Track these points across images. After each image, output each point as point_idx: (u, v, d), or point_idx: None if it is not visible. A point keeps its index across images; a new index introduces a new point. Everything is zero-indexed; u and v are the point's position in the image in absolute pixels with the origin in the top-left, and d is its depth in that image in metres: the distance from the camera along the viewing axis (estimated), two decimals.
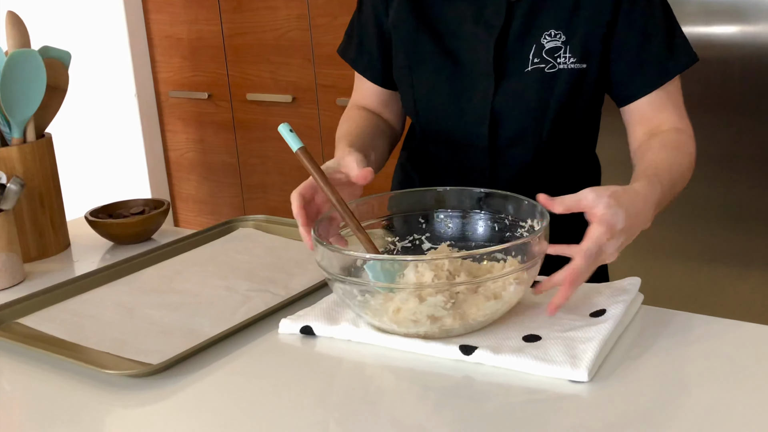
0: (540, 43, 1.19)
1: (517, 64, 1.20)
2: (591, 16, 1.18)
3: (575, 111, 1.24)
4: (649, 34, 1.19)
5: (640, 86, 1.21)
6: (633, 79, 1.21)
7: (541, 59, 1.19)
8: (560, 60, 1.19)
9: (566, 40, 1.19)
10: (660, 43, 1.20)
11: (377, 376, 0.91)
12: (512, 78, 1.21)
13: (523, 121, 1.22)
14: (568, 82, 1.20)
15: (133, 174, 3.15)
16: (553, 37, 1.19)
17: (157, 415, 0.85)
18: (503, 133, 1.23)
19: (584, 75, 1.20)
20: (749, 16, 1.96)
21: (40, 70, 1.31)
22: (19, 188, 1.22)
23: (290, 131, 1.06)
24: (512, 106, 1.22)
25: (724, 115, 2.04)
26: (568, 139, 1.27)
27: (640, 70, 1.20)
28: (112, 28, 3.01)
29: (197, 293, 1.12)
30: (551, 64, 1.19)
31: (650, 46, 1.20)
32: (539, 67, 1.20)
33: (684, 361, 0.88)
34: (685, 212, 2.14)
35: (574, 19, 1.18)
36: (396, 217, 1.12)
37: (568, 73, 1.19)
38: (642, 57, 1.20)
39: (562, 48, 1.19)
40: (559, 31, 1.19)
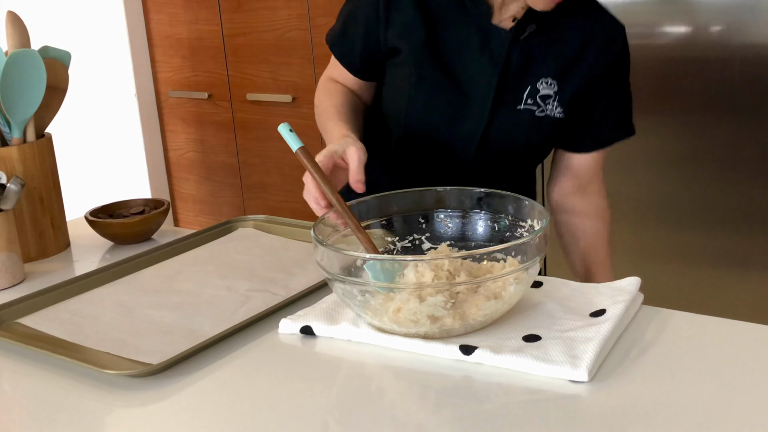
0: (535, 86, 1.27)
1: (512, 99, 1.28)
2: (583, 75, 1.29)
3: (546, 149, 1.38)
4: (613, 106, 1.34)
5: (588, 144, 1.37)
6: (585, 135, 1.36)
7: (534, 102, 1.28)
8: (549, 107, 1.28)
9: (558, 91, 1.28)
10: (617, 113, 1.36)
11: (377, 376, 0.91)
12: (505, 112, 1.28)
13: (507, 151, 1.32)
14: (551, 128, 1.30)
15: (133, 174, 3.16)
16: (548, 85, 1.28)
17: (157, 415, 0.85)
18: (487, 159, 1.32)
19: (562, 124, 1.31)
20: (749, 16, 1.96)
21: (40, 70, 1.31)
22: (19, 188, 1.22)
23: (290, 131, 1.06)
24: (501, 137, 1.30)
25: (724, 115, 2.04)
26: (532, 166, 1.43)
27: (595, 131, 1.35)
28: (112, 28, 3.01)
29: (197, 293, 1.12)
30: (541, 108, 1.28)
31: (609, 115, 1.35)
32: (530, 109, 1.28)
33: (684, 361, 0.88)
34: (685, 212, 2.14)
35: (568, 73, 1.28)
36: (396, 217, 1.12)
37: (552, 120, 1.29)
38: (605, 120, 1.35)
39: (552, 97, 1.28)
40: (555, 81, 1.28)
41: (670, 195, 2.15)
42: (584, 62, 1.29)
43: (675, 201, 2.15)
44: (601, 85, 1.31)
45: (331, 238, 1.05)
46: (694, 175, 2.11)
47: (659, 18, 2.06)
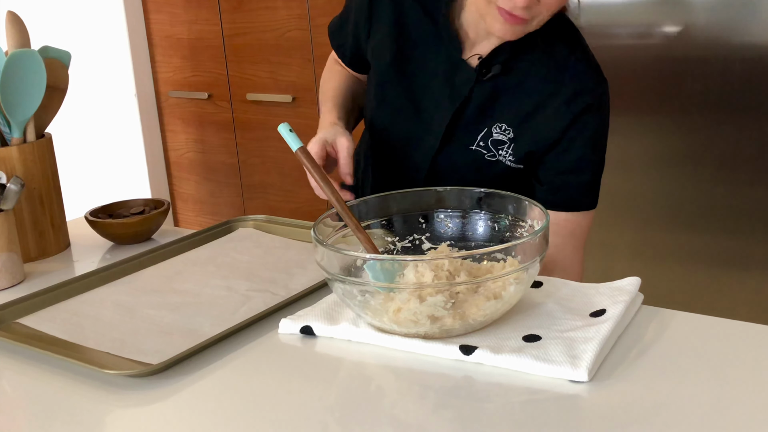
0: (490, 130, 1.25)
1: (465, 137, 1.26)
2: (543, 128, 1.23)
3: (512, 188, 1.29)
4: (582, 165, 1.25)
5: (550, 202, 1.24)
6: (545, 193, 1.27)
7: (485, 145, 1.25)
8: (501, 153, 1.25)
9: (513, 138, 1.24)
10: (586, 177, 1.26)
11: (377, 376, 0.91)
12: (457, 148, 1.27)
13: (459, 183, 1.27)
14: (503, 174, 1.27)
15: (133, 174, 3.16)
16: (503, 131, 1.24)
17: (157, 415, 0.85)
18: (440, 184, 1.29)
19: (518, 173, 1.27)
20: (749, 16, 1.96)
21: (40, 70, 1.31)
22: (19, 188, 1.22)
23: (290, 131, 1.06)
24: (450, 171, 1.29)
25: (724, 115, 2.04)
26: None
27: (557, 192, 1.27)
28: (112, 28, 3.02)
29: (197, 293, 1.12)
30: (492, 153, 1.25)
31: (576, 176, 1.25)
32: (481, 151, 1.26)
33: (684, 361, 0.88)
34: (685, 212, 2.14)
35: (527, 123, 1.23)
36: (396, 217, 1.12)
37: (504, 167, 1.26)
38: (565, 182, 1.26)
39: (506, 144, 1.25)
40: (510, 128, 1.24)
41: (670, 195, 2.15)
42: (543, 116, 1.22)
43: (675, 201, 2.15)
44: (558, 147, 1.23)
45: (331, 238, 1.05)
46: (694, 175, 2.12)
47: (659, 18, 2.06)
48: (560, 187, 1.27)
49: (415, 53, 1.28)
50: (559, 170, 1.26)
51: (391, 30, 1.29)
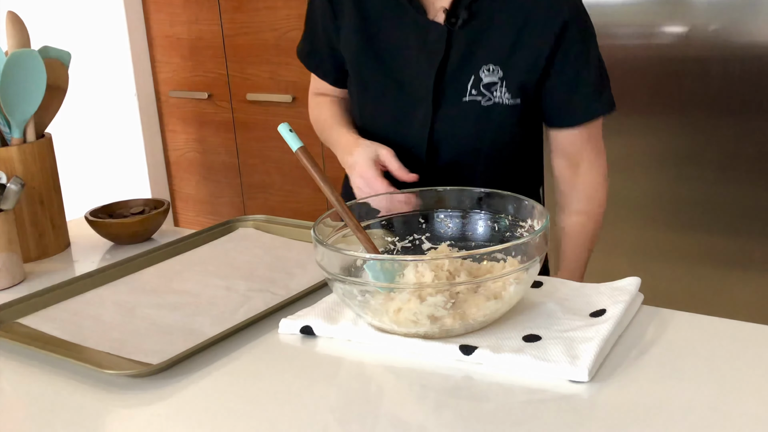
0: (478, 75, 1.24)
1: (455, 92, 1.25)
2: (529, 56, 1.23)
3: (511, 140, 1.31)
4: (581, 79, 1.27)
5: (566, 121, 1.30)
6: (560, 113, 1.30)
7: (478, 92, 1.24)
8: (496, 94, 1.24)
9: (503, 76, 1.24)
10: (589, 87, 1.28)
11: (377, 376, 0.91)
12: (450, 106, 1.26)
13: (460, 147, 1.28)
14: (503, 116, 1.26)
15: (133, 174, 3.16)
16: (491, 72, 1.23)
17: (157, 415, 0.85)
18: (442, 159, 1.29)
19: (518, 110, 1.26)
20: (750, 16, 1.96)
21: (40, 70, 1.31)
22: (19, 188, 1.22)
23: (290, 131, 1.06)
24: (449, 133, 1.27)
25: (724, 115, 2.04)
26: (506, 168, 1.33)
27: (568, 107, 1.29)
28: (112, 28, 3.01)
29: (197, 293, 1.12)
30: (488, 97, 1.24)
31: (580, 89, 1.28)
32: (476, 100, 1.25)
33: (684, 362, 0.88)
34: (685, 212, 2.14)
35: (512, 57, 1.23)
36: (396, 217, 1.12)
37: (503, 107, 1.25)
38: (572, 97, 1.28)
39: (498, 83, 1.24)
40: (497, 67, 1.23)
41: (670, 195, 2.15)
42: (525, 45, 1.23)
43: (675, 201, 2.15)
44: (555, 63, 1.25)
45: (331, 238, 1.05)
46: (694, 175, 2.11)
47: (659, 18, 2.06)
48: (568, 105, 1.29)
49: (381, 31, 1.28)
50: (560, 91, 1.28)
51: (353, 17, 1.29)
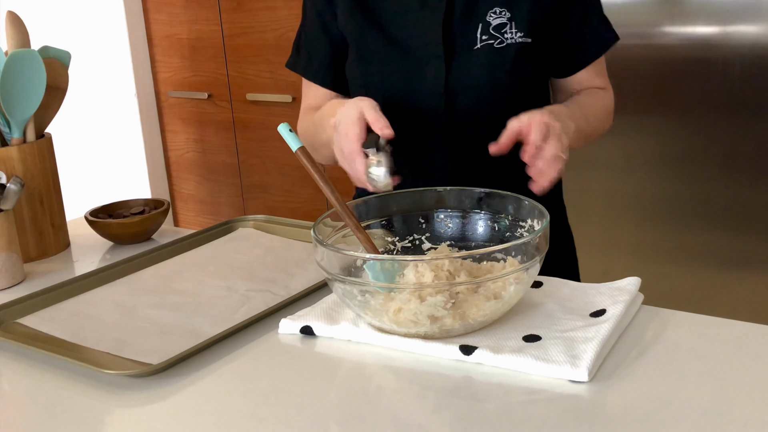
0: (486, 20, 1.23)
1: (465, 42, 1.24)
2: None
3: (525, 85, 1.29)
4: (588, 8, 1.30)
5: (585, 57, 1.31)
6: (577, 50, 1.31)
7: (489, 36, 1.24)
8: (507, 35, 1.24)
9: (511, 17, 1.24)
10: (597, 16, 1.31)
11: (377, 376, 0.91)
12: (462, 56, 1.24)
13: (477, 97, 1.26)
14: (516, 54, 1.24)
15: (133, 174, 3.16)
16: (498, 15, 1.23)
17: (157, 415, 0.85)
18: (459, 113, 1.26)
19: (530, 48, 1.25)
20: (749, 16, 1.96)
21: (40, 70, 1.31)
22: (19, 188, 1.22)
23: (290, 131, 1.06)
24: (465, 83, 1.25)
25: (724, 115, 2.04)
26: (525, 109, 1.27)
27: (584, 42, 1.30)
28: (112, 28, 3.02)
29: (197, 293, 1.12)
30: (499, 39, 1.24)
31: (590, 19, 1.30)
32: (488, 43, 1.24)
33: (684, 361, 0.88)
34: (685, 212, 2.14)
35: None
36: (396, 217, 1.12)
37: (515, 47, 1.24)
38: (584, 30, 1.29)
39: (508, 24, 1.24)
40: (504, 8, 1.23)
41: (670, 195, 2.15)
42: None
43: (675, 201, 2.15)
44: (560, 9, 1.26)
45: (331, 238, 1.05)
46: (694, 175, 2.12)
47: (659, 18, 2.06)
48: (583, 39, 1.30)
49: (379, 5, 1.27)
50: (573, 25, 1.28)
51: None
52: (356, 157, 1.09)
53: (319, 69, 1.38)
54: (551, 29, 1.27)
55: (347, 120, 1.12)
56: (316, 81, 1.39)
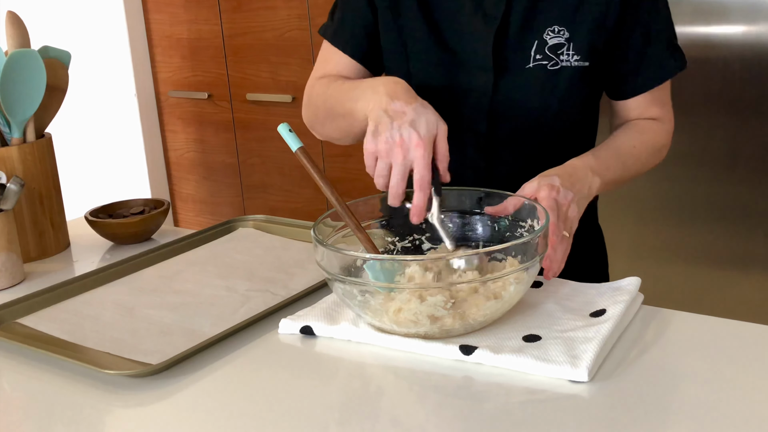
0: (543, 39, 1.16)
1: (518, 59, 1.17)
2: (596, 13, 1.16)
3: (575, 109, 1.22)
4: (652, 33, 1.19)
5: (641, 84, 1.22)
6: (634, 76, 1.21)
7: (543, 56, 1.16)
8: (563, 57, 1.16)
9: (570, 37, 1.16)
10: (662, 42, 1.21)
11: (377, 376, 0.91)
12: (513, 74, 1.17)
13: (523, 119, 1.20)
14: (571, 80, 1.17)
15: (133, 174, 3.16)
16: (557, 34, 1.15)
17: (157, 415, 0.85)
18: (501, 131, 1.20)
19: (587, 73, 1.18)
20: (749, 16, 1.96)
21: (40, 70, 1.31)
22: (19, 188, 1.22)
23: (290, 131, 1.06)
24: (512, 103, 1.19)
25: (724, 115, 2.04)
26: (567, 137, 1.24)
27: (642, 68, 1.21)
28: (112, 28, 3.01)
29: (197, 293, 1.12)
30: (554, 61, 1.16)
31: (652, 46, 1.20)
32: (542, 64, 1.16)
33: (684, 361, 0.88)
34: (685, 212, 2.14)
35: (578, 15, 1.15)
36: (396, 217, 1.12)
37: (571, 71, 1.17)
38: (645, 55, 1.20)
39: (565, 45, 1.16)
40: (563, 28, 1.16)
41: (670, 195, 2.15)
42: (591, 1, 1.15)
43: (675, 201, 2.15)
44: (622, 18, 1.17)
45: (331, 238, 1.05)
46: (694, 174, 2.11)
47: None
48: (642, 65, 1.21)
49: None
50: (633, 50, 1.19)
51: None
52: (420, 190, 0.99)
53: (351, 39, 1.27)
54: (611, 50, 1.19)
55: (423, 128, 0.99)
56: (346, 51, 1.27)
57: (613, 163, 1.16)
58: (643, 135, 1.23)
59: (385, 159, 1.01)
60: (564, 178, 1.05)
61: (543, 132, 1.21)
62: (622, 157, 1.18)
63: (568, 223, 1.03)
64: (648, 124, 1.24)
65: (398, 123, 1.00)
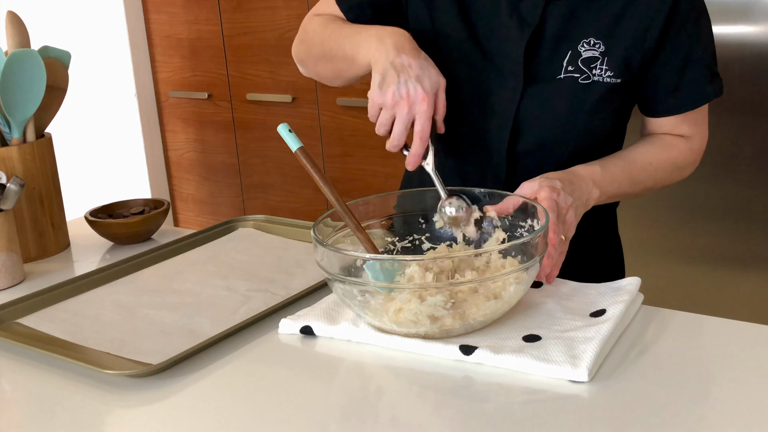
0: (577, 50, 1.12)
1: (549, 68, 1.13)
2: (636, 30, 1.12)
3: (604, 125, 1.18)
4: (693, 57, 1.15)
5: (674, 106, 1.18)
6: (669, 97, 1.18)
7: (575, 68, 1.12)
8: (596, 72, 1.12)
9: (605, 51, 1.12)
10: (701, 68, 1.16)
11: (377, 376, 0.91)
12: (543, 83, 1.14)
13: (548, 130, 1.16)
14: (601, 95, 1.14)
15: (133, 174, 3.16)
16: (592, 46, 1.11)
17: (157, 415, 0.85)
18: (525, 140, 1.17)
19: (618, 90, 1.14)
20: (749, 16, 1.96)
21: (40, 70, 1.31)
22: (19, 188, 1.22)
23: (289, 131, 1.06)
24: (539, 113, 1.15)
25: (724, 115, 2.04)
26: (592, 152, 1.19)
27: (678, 91, 1.17)
28: (112, 28, 3.01)
29: (197, 293, 1.12)
30: (586, 74, 1.12)
31: (691, 70, 1.16)
32: (573, 76, 1.13)
33: (684, 361, 0.88)
34: (685, 212, 2.14)
35: (617, 30, 1.12)
36: (396, 217, 1.12)
37: (602, 87, 1.13)
38: (682, 78, 1.16)
39: (599, 59, 1.12)
40: (599, 41, 1.11)
41: (671, 195, 2.15)
42: (632, 16, 1.11)
43: (675, 201, 2.15)
44: (663, 39, 1.13)
45: (331, 238, 1.05)
46: (694, 174, 2.11)
47: None
48: (678, 88, 1.16)
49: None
50: (671, 72, 1.15)
51: None
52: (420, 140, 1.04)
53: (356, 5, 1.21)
54: (647, 70, 1.15)
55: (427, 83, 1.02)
56: (347, 15, 1.22)
57: (621, 177, 1.14)
58: (665, 152, 1.20)
59: (390, 111, 1.05)
60: (565, 183, 1.04)
61: (568, 146, 1.17)
62: (633, 171, 1.16)
63: (565, 227, 1.02)
64: (674, 141, 1.21)
65: (404, 77, 1.03)
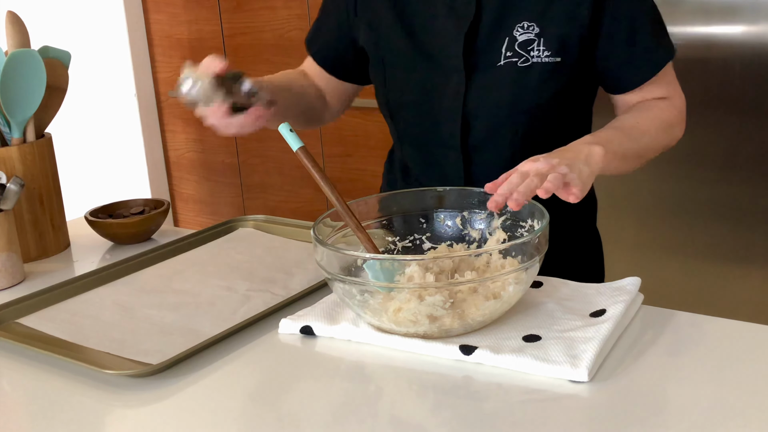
0: (513, 35, 1.15)
1: (488, 58, 1.17)
2: (567, 8, 1.14)
3: (553, 106, 1.20)
4: (637, 27, 1.17)
5: (633, 79, 1.20)
6: (623, 73, 1.20)
7: (513, 53, 1.15)
8: (533, 53, 1.15)
9: (540, 33, 1.15)
10: (647, 34, 1.18)
11: (377, 376, 0.91)
12: (484, 73, 1.17)
13: (496, 118, 1.19)
14: (542, 76, 1.16)
15: (133, 174, 3.15)
16: (526, 30, 1.14)
17: (157, 415, 0.85)
18: (476, 132, 1.20)
19: (559, 68, 1.16)
20: (749, 16, 1.96)
21: (40, 70, 1.31)
22: (19, 188, 1.22)
23: (290, 131, 1.06)
24: (484, 102, 1.18)
25: (724, 115, 2.04)
26: (549, 136, 1.20)
27: (630, 65, 1.19)
28: (112, 28, 3.01)
29: (197, 293, 1.12)
30: (524, 57, 1.15)
31: (639, 37, 1.17)
32: (512, 61, 1.16)
33: (684, 361, 0.88)
34: (685, 212, 2.14)
35: (549, 10, 1.14)
36: (396, 217, 1.12)
37: (541, 67, 1.16)
38: (632, 50, 1.18)
39: (535, 41, 1.15)
40: (533, 23, 1.15)
41: (671, 194, 2.15)
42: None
43: (675, 201, 2.15)
44: (599, 14, 1.15)
45: (331, 238, 1.05)
46: (694, 174, 2.11)
47: None
48: (629, 64, 1.18)
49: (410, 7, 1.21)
50: (619, 45, 1.17)
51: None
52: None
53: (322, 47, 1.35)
54: (592, 47, 1.17)
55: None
56: (316, 58, 1.36)
57: (617, 136, 1.11)
58: (647, 111, 1.19)
59: None
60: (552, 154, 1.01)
61: (519, 131, 1.20)
62: (626, 131, 1.14)
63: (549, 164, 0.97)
64: (652, 102, 1.21)
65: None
